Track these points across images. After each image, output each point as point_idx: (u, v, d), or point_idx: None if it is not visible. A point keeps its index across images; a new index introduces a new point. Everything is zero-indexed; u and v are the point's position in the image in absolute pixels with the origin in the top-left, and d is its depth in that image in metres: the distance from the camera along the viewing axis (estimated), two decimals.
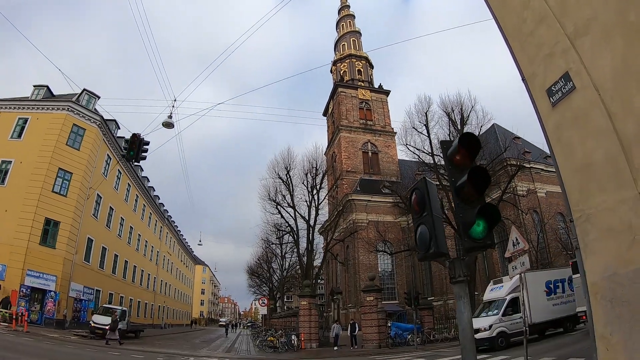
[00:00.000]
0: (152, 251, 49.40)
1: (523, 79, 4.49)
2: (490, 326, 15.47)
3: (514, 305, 16.00)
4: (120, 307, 27.32)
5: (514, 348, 13.98)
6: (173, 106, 17.23)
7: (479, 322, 16.06)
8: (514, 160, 30.42)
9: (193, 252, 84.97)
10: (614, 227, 3.44)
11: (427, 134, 26.81)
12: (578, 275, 8.06)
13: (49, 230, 26.98)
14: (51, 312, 25.59)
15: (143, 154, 13.93)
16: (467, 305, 3.68)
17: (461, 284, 3.77)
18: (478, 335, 15.26)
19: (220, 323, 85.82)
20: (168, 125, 16.06)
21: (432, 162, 26.38)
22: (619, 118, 3.39)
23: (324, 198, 33.37)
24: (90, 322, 24.54)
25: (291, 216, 33.43)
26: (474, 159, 4.09)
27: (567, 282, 17.42)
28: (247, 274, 58.63)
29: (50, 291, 25.71)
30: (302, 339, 22.61)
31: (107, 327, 22.80)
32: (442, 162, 26.64)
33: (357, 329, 22.33)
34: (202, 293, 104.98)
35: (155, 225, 51.60)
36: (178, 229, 66.50)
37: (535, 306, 15.62)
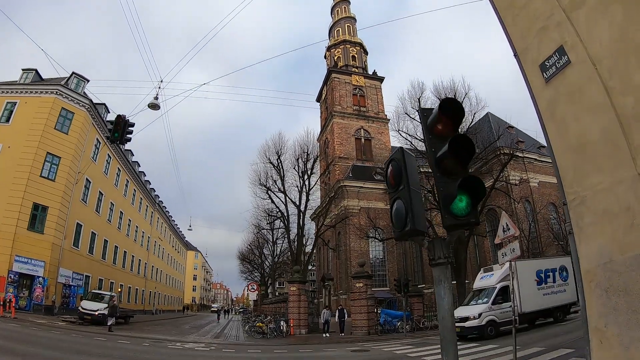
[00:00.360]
0: (142, 237, 49.07)
1: (515, 55, 4.22)
2: (480, 314, 15.35)
3: (504, 294, 15.90)
4: (109, 293, 27.19)
5: (503, 337, 13.91)
6: (159, 87, 17.02)
7: (468, 310, 16.06)
8: (507, 149, 30.25)
9: (185, 238, 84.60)
10: (610, 210, 3.18)
11: (419, 120, 26.49)
12: None
13: (37, 216, 26.62)
14: (39, 298, 25.33)
15: (128, 135, 13.63)
16: (447, 290, 3.32)
17: (441, 267, 3.41)
18: (467, 324, 15.22)
19: (212, 309, 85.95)
20: (154, 106, 15.78)
21: (424, 149, 26.08)
22: (617, 93, 3.13)
23: (315, 183, 33.13)
24: (79, 307, 24.38)
25: (282, 201, 33.28)
26: (457, 127, 3.72)
27: (558, 272, 17.34)
28: (239, 260, 58.39)
29: (39, 277, 25.45)
30: (292, 325, 22.57)
31: (95, 313, 23.02)
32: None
33: (345, 316, 22.29)
34: (194, 279, 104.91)
35: (146, 210, 51.22)
36: (170, 214, 66.05)
37: (526, 295, 15.45)
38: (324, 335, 21.19)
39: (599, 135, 3.28)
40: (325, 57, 66.91)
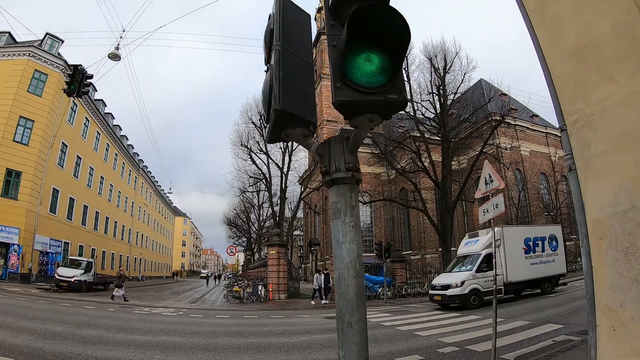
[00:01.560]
0: (126, 202, 48.20)
1: None
2: (463, 282, 14.67)
3: (489, 262, 15.00)
4: (86, 259, 26.53)
5: (487, 307, 13.35)
6: (121, 37, 16.01)
7: (450, 278, 15.50)
8: (498, 115, 29.37)
9: (172, 203, 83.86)
10: (630, 133, 2.21)
11: (406, 78, 25.51)
12: None
13: (11, 182, 25.94)
14: (15, 266, 24.82)
15: (85, 88, 12.75)
16: (350, 230, 1.87)
17: (341, 188, 1.94)
18: (449, 292, 14.68)
19: (202, 275, 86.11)
20: (114, 56, 15.27)
21: (411, 109, 25.15)
22: None
23: (298, 145, 31.95)
24: (55, 274, 23.95)
25: (264, 163, 32.27)
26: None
27: (548, 241, 16.80)
28: (225, 224, 57.78)
29: (13, 244, 24.89)
30: (270, 289, 22.16)
31: (72, 279, 22.77)
32: (424, 112, 25.65)
33: (330, 281, 21.73)
34: (183, 245, 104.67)
35: (130, 175, 50.08)
36: (155, 179, 64.88)
37: (512, 264, 14.91)
38: (311, 302, 20.32)
39: (608, 31, 2.34)
40: (315, 19, 65.17)
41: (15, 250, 24.89)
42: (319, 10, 63.84)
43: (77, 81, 12.30)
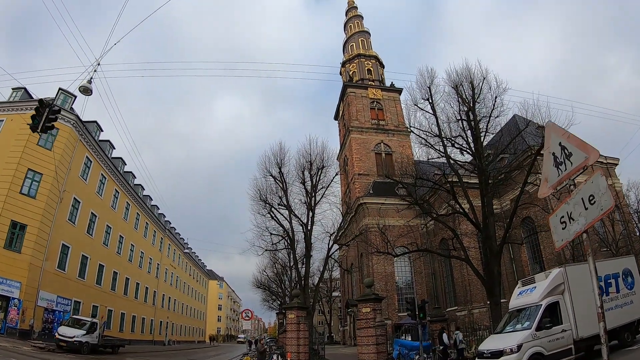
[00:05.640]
0: (150, 263, 46.15)
1: None
2: (520, 346, 10.70)
3: (552, 315, 11.38)
4: (90, 319, 24.32)
5: None
6: (95, 70, 14.54)
7: (502, 341, 11.55)
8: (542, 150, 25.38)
9: (206, 267, 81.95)
10: None
11: (432, 111, 22.68)
12: None
13: (15, 234, 24.73)
14: (14, 321, 23.15)
15: (51, 122, 12.13)
16: None
17: None
18: None
19: (238, 339, 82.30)
20: (85, 90, 14.34)
21: (440, 145, 22.16)
22: None
23: (322, 197, 28.95)
24: (55, 333, 22.30)
25: (286, 219, 29.36)
26: None
27: (622, 277, 12.88)
28: (255, 287, 54.60)
29: (14, 298, 23.33)
30: (289, 358, 18.71)
31: (71, 339, 21.02)
32: (453, 144, 22.51)
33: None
34: (219, 309, 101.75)
35: (154, 236, 48.37)
36: (185, 242, 63.33)
37: (582, 314, 11.13)
38: None
39: None
40: (340, 74, 66.21)
41: (16, 304, 23.32)
42: (343, 64, 63.98)
43: (42, 115, 11.49)
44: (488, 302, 23.30)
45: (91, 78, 13.99)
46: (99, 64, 14.51)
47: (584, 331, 11.15)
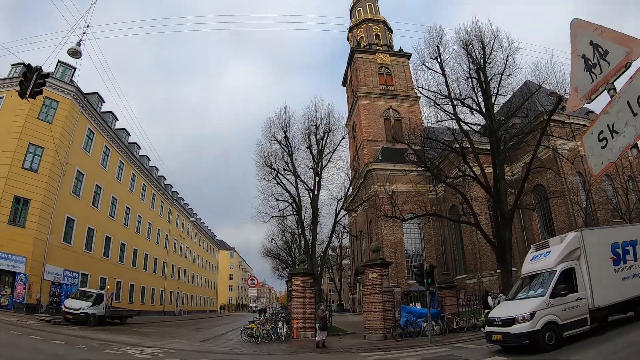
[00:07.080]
0: (158, 234, 46.27)
1: None
2: (533, 314, 10.02)
3: (567, 281, 10.68)
4: (95, 291, 24.32)
5: (568, 347, 9.07)
6: (84, 33, 13.88)
7: (514, 308, 10.86)
8: (555, 115, 24.08)
9: (216, 237, 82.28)
10: None
11: (440, 71, 21.67)
12: None
13: (19, 209, 24.61)
14: (21, 295, 23.27)
15: (39, 88, 10.96)
16: None
17: None
18: (514, 329, 10.11)
19: (252, 309, 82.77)
20: (75, 53, 13.44)
21: (450, 105, 21.24)
22: None
23: (328, 161, 28.22)
24: (62, 306, 22.50)
25: (292, 184, 28.76)
26: None
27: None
28: (264, 255, 54.60)
29: (20, 273, 23.40)
30: (295, 326, 18.51)
31: (77, 312, 21.00)
32: (463, 104, 21.56)
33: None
34: (230, 278, 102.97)
35: (162, 207, 48.32)
36: (194, 212, 63.34)
37: (599, 282, 10.49)
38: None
39: None
40: (347, 39, 65.09)
41: (22, 279, 23.36)
42: (350, 29, 62.40)
43: (30, 80, 10.61)
44: (498, 270, 22.86)
45: (80, 40, 13.39)
46: (88, 26, 13.76)
47: (601, 300, 10.53)
